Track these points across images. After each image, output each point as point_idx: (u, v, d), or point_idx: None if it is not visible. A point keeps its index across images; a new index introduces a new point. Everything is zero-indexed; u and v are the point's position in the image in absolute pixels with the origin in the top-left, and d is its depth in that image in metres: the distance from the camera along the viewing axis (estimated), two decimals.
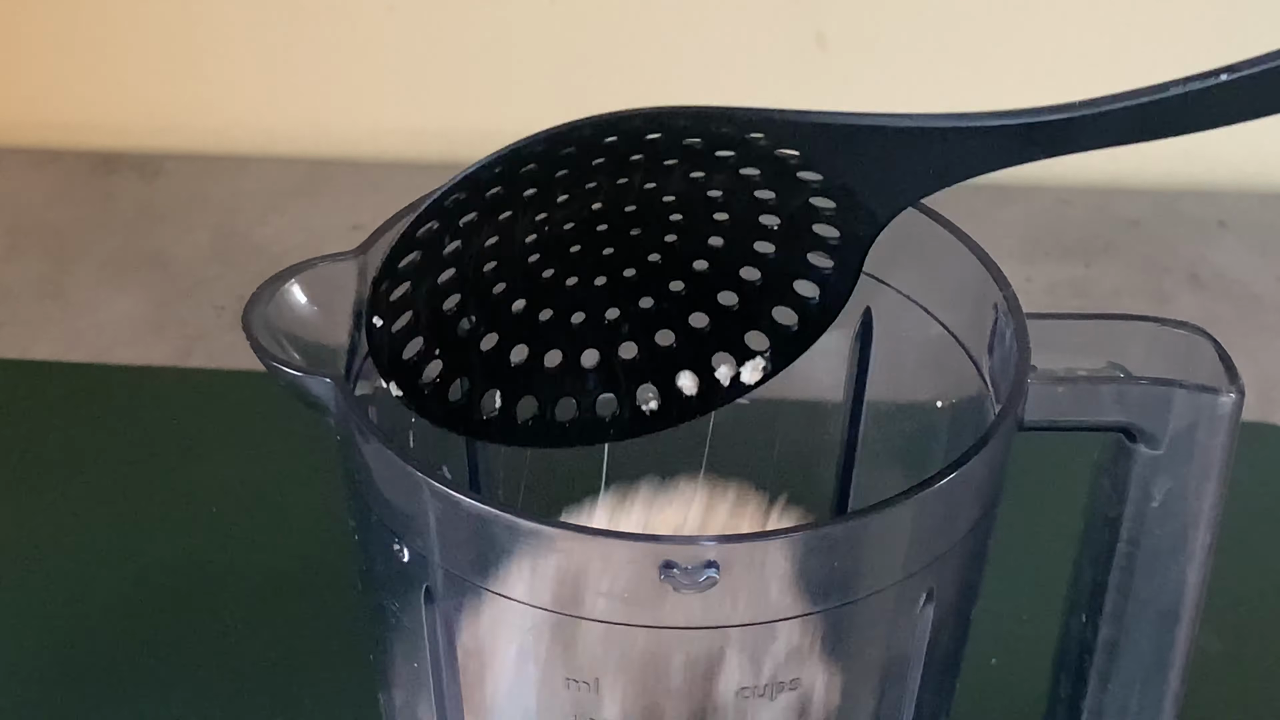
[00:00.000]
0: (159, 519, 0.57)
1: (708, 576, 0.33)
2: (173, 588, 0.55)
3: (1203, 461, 0.38)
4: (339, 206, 0.73)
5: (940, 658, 0.39)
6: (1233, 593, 0.52)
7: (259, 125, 0.77)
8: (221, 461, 0.60)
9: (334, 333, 0.38)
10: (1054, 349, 0.38)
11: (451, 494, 0.34)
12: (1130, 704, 0.42)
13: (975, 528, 0.37)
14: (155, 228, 0.72)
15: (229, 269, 0.69)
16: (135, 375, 0.64)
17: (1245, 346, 0.64)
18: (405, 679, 0.41)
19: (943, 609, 0.37)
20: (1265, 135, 0.77)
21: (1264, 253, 0.71)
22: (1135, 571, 0.40)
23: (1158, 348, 0.39)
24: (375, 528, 0.37)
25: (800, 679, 0.38)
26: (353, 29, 0.75)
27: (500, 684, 0.41)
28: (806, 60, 0.74)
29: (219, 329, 0.66)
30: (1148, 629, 0.40)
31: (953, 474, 0.34)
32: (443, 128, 0.75)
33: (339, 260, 0.39)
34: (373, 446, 0.36)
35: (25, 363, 0.65)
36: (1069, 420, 0.38)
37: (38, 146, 0.77)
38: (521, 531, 0.34)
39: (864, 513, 0.35)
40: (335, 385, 0.36)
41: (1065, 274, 0.69)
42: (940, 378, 0.41)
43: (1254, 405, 0.39)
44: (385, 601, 0.39)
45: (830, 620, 0.37)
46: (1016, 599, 0.49)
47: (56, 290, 0.69)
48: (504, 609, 0.37)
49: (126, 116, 0.77)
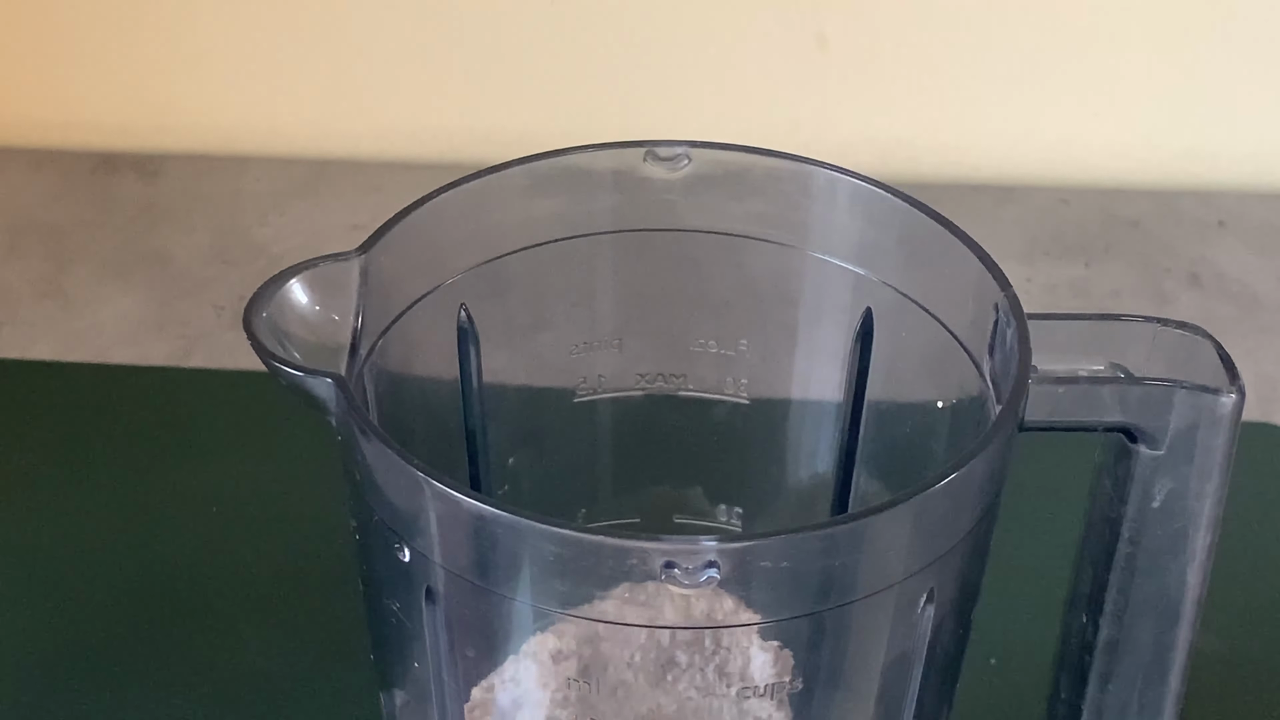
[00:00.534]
0: (159, 519, 0.57)
1: (708, 577, 0.33)
2: (173, 588, 0.55)
3: (1203, 462, 0.38)
4: (339, 206, 0.73)
5: (940, 658, 0.39)
6: (1233, 593, 0.52)
7: (259, 125, 0.77)
8: (221, 461, 0.59)
9: (334, 333, 0.38)
10: (1054, 349, 0.38)
11: (452, 494, 0.34)
12: (1130, 704, 0.42)
13: (976, 528, 0.37)
14: (155, 228, 0.72)
15: (229, 269, 0.69)
16: (135, 375, 0.64)
17: (1245, 346, 0.64)
18: (405, 679, 0.41)
19: (943, 609, 0.37)
20: (1265, 135, 0.77)
21: (1264, 253, 0.71)
22: (1135, 571, 0.40)
23: (1158, 348, 0.39)
24: (376, 528, 0.37)
25: (800, 679, 0.38)
26: (353, 29, 0.75)
27: (500, 684, 0.41)
28: (806, 60, 0.74)
29: (219, 329, 0.66)
30: (1148, 629, 0.40)
31: (953, 474, 0.34)
32: (443, 128, 0.75)
33: (339, 260, 0.39)
34: (373, 446, 0.36)
35: (25, 363, 0.65)
36: (1069, 420, 0.38)
37: (37, 146, 0.77)
38: (521, 531, 0.34)
39: (864, 513, 0.35)
40: (335, 385, 0.36)
41: (1065, 274, 0.69)
42: (941, 378, 0.41)
43: (1254, 405, 0.40)
44: (385, 601, 0.39)
45: (830, 620, 0.37)
46: (1016, 599, 0.49)
47: (56, 290, 0.69)
48: (504, 609, 0.37)
49: (126, 116, 0.77)
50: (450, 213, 0.41)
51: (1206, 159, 0.75)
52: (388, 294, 0.40)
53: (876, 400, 0.44)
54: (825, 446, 0.46)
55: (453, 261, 0.42)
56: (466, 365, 0.44)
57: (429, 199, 0.41)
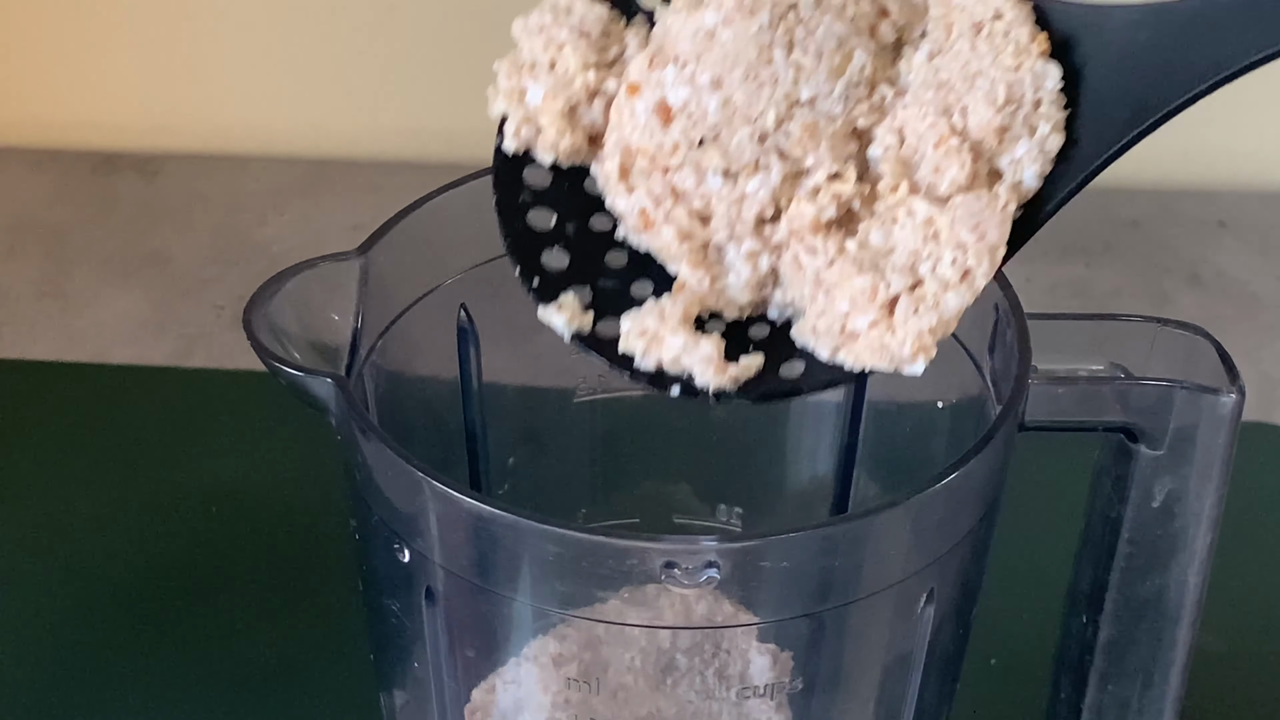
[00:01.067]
0: (159, 519, 0.57)
1: (708, 577, 0.33)
2: (173, 587, 0.55)
3: (1203, 461, 0.38)
4: (339, 206, 0.73)
5: (940, 658, 0.39)
6: (1233, 593, 0.52)
7: (259, 125, 0.77)
8: (221, 461, 0.59)
9: (334, 333, 0.38)
10: (1054, 349, 0.38)
11: (452, 494, 0.34)
12: (1130, 704, 0.42)
13: (976, 528, 0.37)
14: (155, 228, 0.72)
15: (229, 269, 0.69)
16: (135, 375, 0.64)
17: (1245, 346, 0.64)
18: (405, 679, 0.41)
19: (943, 609, 0.37)
20: (1265, 135, 0.77)
21: (1264, 253, 0.71)
22: (1135, 571, 0.40)
23: (1158, 348, 0.39)
24: (376, 527, 0.37)
25: (800, 679, 0.38)
26: (353, 29, 0.75)
27: (501, 685, 0.41)
28: None
29: (219, 329, 0.66)
30: (1148, 629, 0.40)
31: (953, 474, 0.34)
32: (443, 128, 0.75)
33: (339, 260, 0.39)
34: (373, 446, 0.36)
35: (25, 363, 0.65)
36: (1069, 420, 0.38)
37: (38, 146, 0.77)
38: (521, 531, 0.34)
39: (864, 513, 0.35)
40: (336, 385, 0.36)
41: (1065, 274, 0.69)
42: (941, 378, 0.40)
43: (1254, 405, 0.39)
44: (385, 601, 0.39)
45: (830, 620, 0.37)
46: (1016, 599, 0.49)
47: (56, 290, 0.69)
48: (504, 609, 0.37)
49: (126, 116, 0.77)
50: (450, 213, 0.41)
51: (1206, 159, 0.75)
52: (388, 294, 0.40)
53: (876, 400, 0.44)
54: (825, 446, 0.46)
55: (453, 261, 0.42)
56: (466, 365, 0.44)
57: (429, 199, 0.41)
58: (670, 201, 0.34)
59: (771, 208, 0.34)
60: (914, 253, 0.33)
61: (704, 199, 0.34)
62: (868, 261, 0.33)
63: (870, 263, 0.33)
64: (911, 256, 0.33)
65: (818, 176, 0.33)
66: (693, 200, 0.34)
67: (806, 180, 0.34)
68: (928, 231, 0.33)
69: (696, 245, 0.34)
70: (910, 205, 0.33)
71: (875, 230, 0.33)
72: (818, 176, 0.33)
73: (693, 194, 0.34)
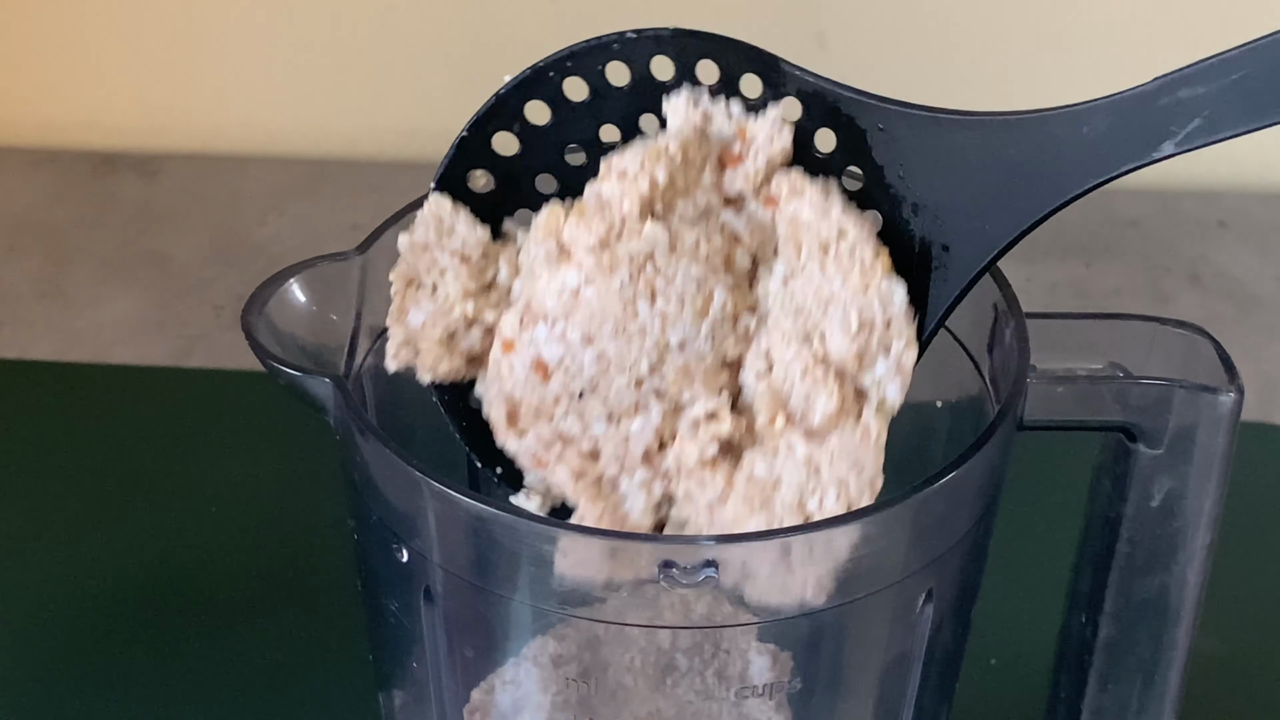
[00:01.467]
0: (159, 519, 0.57)
1: (706, 575, 0.33)
2: (172, 587, 0.55)
3: (1203, 461, 0.38)
4: (339, 206, 0.73)
5: (940, 658, 0.39)
6: (1233, 593, 0.52)
7: (258, 125, 0.77)
8: (221, 461, 0.60)
9: (334, 333, 0.38)
10: (1054, 349, 0.38)
11: (451, 494, 0.34)
12: (1130, 704, 0.41)
13: (975, 528, 0.37)
14: (155, 228, 0.72)
15: (229, 269, 0.69)
16: (135, 375, 0.64)
17: (1245, 346, 0.64)
18: (404, 679, 0.41)
19: (943, 609, 0.37)
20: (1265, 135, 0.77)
21: (1264, 253, 0.71)
22: (1135, 571, 0.40)
23: (1158, 348, 0.39)
24: (375, 528, 0.37)
25: (800, 679, 0.38)
26: (353, 29, 0.75)
27: (500, 685, 0.41)
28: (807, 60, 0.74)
29: (219, 329, 0.66)
30: (1148, 629, 0.40)
31: (952, 474, 0.34)
32: (442, 128, 0.75)
33: (339, 260, 0.39)
34: (373, 446, 0.36)
35: (25, 363, 0.65)
36: (1069, 420, 0.38)
37: (37, 146, 0.77)
38: (520, 531, 0.34)
39: (864, 513, 0.35)
40: (335, 385, 0.36)
41: (1065, 274, 0.69)
42: (940, 377, 0.40)
43: (1254, 405, 0.39)
44: (384, 601, 0.39)
45: (830, 620, 0.37)
46: (1016, 599, 0.49)
47: (56, 290, 0.69)
48: (503, 609, 0.37)
49: (126, 116, 0.77)
50: None
51: (1206, 159, 0.75)
52: (387, 294, 0.40)
53: None
54: None
55: None
56: None
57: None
58: (559, 446, 0.36)
59: (657, 441, 0.36)
60: (800, 486, 0.35)
61: (591, 441, 0.36)
62: (758, 499, 0.35)
63: (761, 500, 0.35)
64: (798, 491, 0.35)
65: (696, 410, 0.35)
66: (581, 443, 0.36)
67: (687, 412, 0.36)
68: (809, 469, 0.35)
69: (590, 481, 0.36)
70: (789, 440, 0.35)
71: (760, 461, 0.35)
72: (696, 410, 0.35)
73: (580, 437, 0.36)
